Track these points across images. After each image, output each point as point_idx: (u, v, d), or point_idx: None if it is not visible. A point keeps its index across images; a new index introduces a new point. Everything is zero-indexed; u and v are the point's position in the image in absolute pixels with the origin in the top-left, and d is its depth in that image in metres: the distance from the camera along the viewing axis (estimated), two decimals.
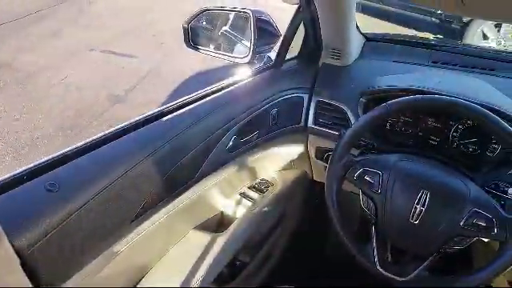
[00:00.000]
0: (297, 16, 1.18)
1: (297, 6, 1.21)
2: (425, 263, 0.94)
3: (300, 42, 1.35)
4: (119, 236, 0.85)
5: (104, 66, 4.32)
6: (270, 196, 1.29)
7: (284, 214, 1.59)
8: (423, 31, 5.88)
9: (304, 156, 1.44)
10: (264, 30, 1.37)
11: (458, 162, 1.12)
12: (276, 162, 1.42)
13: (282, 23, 1.30)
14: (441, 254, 0.94)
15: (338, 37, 1.25)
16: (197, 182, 1.03)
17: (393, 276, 0.95)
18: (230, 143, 1.09)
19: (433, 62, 1.45)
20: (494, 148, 1.12)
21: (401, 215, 0.93)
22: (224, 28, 1.44)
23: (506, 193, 0.97)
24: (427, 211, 0.91)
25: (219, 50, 1.39)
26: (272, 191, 1.32)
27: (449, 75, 1.29)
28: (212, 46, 1.38)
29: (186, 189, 1.01)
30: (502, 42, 4.94)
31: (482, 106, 1.05)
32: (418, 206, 0.91)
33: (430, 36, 5.68)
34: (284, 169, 1.45)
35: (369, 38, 1.52)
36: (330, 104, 1.29)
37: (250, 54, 1.28)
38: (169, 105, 0.99)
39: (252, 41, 1.28)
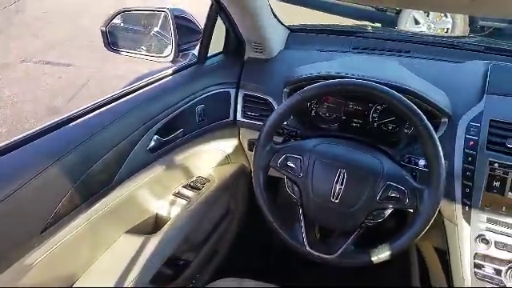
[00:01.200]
0: (211, 12, 1.19)
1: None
2: (350, 239, 0.99)
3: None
4: (29, 248, 0.82)
5: (40, 77, 4.11)
6: (206, 193, 1.30)
7: (228, 209, 1.60)
8: (362, 20, 6.11)
9: (240, 149, 1.46)
10: (186, 27, 1.37)
11: (379, 140, 1.18)
12: (211, 158, 1.43)
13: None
14: (364, 229, 0.99)
15: (256, 31, 1.28)
16: (118, 184, 1.01)
17: (321, 254, 0.99)
18: (152, 143, 1.08)
19: (354, 48, 1.52)
20: (410, 124, 1.19)
21: (322, 196, 0.97)
22: (147, 28, 1.42)
23: (417, 164, 1.04)
24: (346, 189, 0.95)
25: (142, 51, 1.37)
26: (209, 187, 1.33)
27: (366, 60, 1.36)
28: (134, 48, 1.36)
29: (106, 193, 0.99)
30: (432, 26, 5.25)
31: (390, 86, 1.11)
32: (337, 186, 0.96)
33: (370, 24, 5.93)
34: (221, 164, 1.46)
35: (293, 30, 1.56)
36: (256, 96, 1.31)
37: (173, 52, 1.28)
38: (82, 107, 0.97)
39: (173, 39, 1.28)
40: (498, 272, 1.00)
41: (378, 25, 5.88)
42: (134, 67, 4.01)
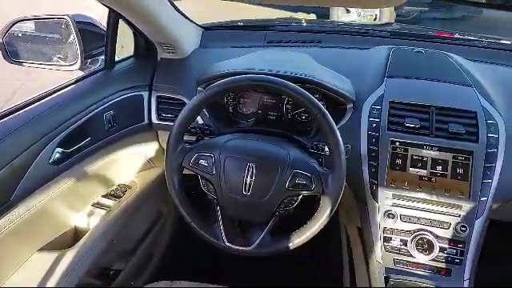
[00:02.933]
0: (110, 16, 1.17)
1: None
2: (266, 229, 1.02)
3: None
4: None
5: None
6: (127, 200, 1.28)
7: (160, 213, 1.58)
8: (297, 12, 6.23)
9: (161, 153, 1.45)
10: (92, 33, 1.33)
11: (293, 130, 1.22)
12: (133, 164, 1.40)
13: None
14: (278, 217, 1.02)
15: (161, 33, 1.27)
16: (19, 201, 0.97)
17: (239, 247, 1.01)
18: (55, 155, 1.04)
19: (268, 42, 1.55)
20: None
21: (235, 190, 0.99)
22: (51, 36, 1.36)
23: (323, 150, 1.08)
24: (256, 181, 0.98)
25: (47, 61, 1.31)
26: (130, 194, 1.30)
27: (274, 53, 1.39)
28: (38, 57, 1.30)
29: (6, 210, 0.94)
30: (362, 13, 5.49)
31: (291, 78, 1.15)
32: (247, 179, 0.98)
33: (304, 16, 6.07)
34: (143, 169, 1.44)
35: (208, 28, 1.57)
36: (170, 98, 1.30)
37: (79, 59, 1.24)
38: None
39: (78, 46, 1.24)
40: (405, 243, 1.07)
41: (313, 16, 6.06)
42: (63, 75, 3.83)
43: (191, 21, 1.45)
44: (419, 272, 1.07)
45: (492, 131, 1.08)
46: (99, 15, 1.35)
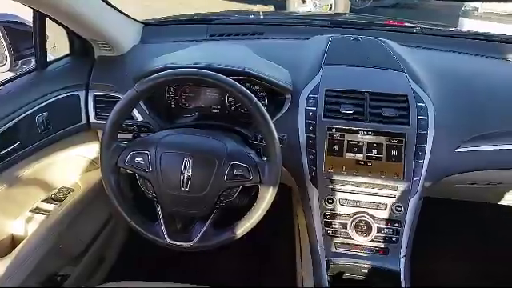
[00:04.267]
0: (35, 15, 1.12)
1: None
2: (208, 222, 1.02)
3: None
4: None
5: None
6: (70, 202, 1.24)
7: (111, 214, 1.55)
8: (256, 4, 6.24)
9: None
10: (24, 33, 1.28)
11: (237, 123, 1.23)
12: (75, 166, 1.36)
13: None
14: (220, 210, 1.03)
15: (94, 31, 1.23)
16: None
17: (181, 243, 1.01)
18: None
19: (211, 36, 1.54)
20: (263, 105, 1.25)
21: (173, 186, 0.99)
22: None
23: (261, 141, 1.09)
24: (194, 176, 0.97)
25: None
26: (73, 197, 1.27)
27: (212, 46, 1.39)
28: None
29: None
30: (317, 3, 5.56)
31: (226, 70, 1.15)
32: (184, 174, 0.98)
33: (262, 8, 6.08)
34: (88, 170, 1.41)
35: (148, 24, 1.54)
36: (108, 96, 1.27)
37: (8, 60, 1.19)
38: None
39: (5, 46, 1.19)
40: (344, 226, 1.11)
41: (271, 8, 6.08)
42: None
43: (129, 17, 1.42)
44: (359, 253, 1.10)
45: (422, 113, 1.13)
46: None
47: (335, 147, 1.13)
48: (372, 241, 1.10)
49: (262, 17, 1.71)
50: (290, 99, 1.21)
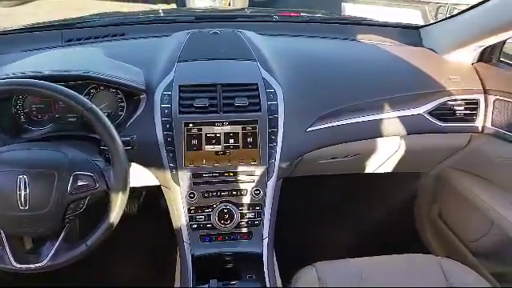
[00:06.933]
0: None
1: None
2: (59, 239, 0.97)
3: None
4: None
5: None
6: None
7: None
8: (156, 3, 6.08)
9: None
10: None
11: (93, 130, 1.17)
12: None
13: None
14: (71, 223, 0.98)
15: None
16: None
17: (30, 265, 0.95)
18: None
19: (67, 42, 1.46)
20: (122, 107, 1.21)
21: (10, 207, 0.91)
22: None
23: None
24: (32, 193, 0.90)
25: None
26: None
27: (58, 52, 1.32)
28: None
29: None
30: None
31: (66, 76, 1.10)
32: (21, 193, 0.91)
33: (164, 6, 5.94)
34: None
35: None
36: None
37: None
38: None
39: None
40: (208, 218, 1.13)
41: (173, 5, 5.97)
42: None
43: None
44: (224, 242, 1.13)
45: (271, 99, 1.17)
46: None
47: (194, 142, 1.14)
48: (236, 227, 1.13)
49: (123, 17, 1.66)
50: (146, 99, 1.19)
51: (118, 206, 0.96)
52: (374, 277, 1.17)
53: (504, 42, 1.37)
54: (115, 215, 0.96)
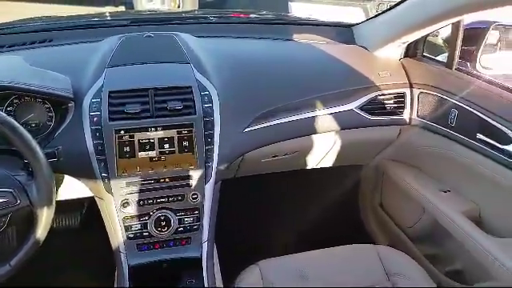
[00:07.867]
0: None
1: None
2: None
3: None
4: None
5: None
6: None
7: None
8: (105, 6, 5.87)
9: None
10: None
11: None
12: None
13: None
14: None
15: None
16: None
17: None
18: None
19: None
20: (51, 117, 1.16)
21: None
22: None
23: None
24: None
25: None
26: None
27: None
28: None
29: None
30: (166, 1, 5.48)
31: None
32: None
33: (113, 9, 5.75)
34: None
35: None
36: None
37: None
38: None
39: None
40: (145, 226, 1.10)
41: (122, 8, 5.79)
42: None
43: None
44: (162, 249, 1.11)
45: (206, 101, 1.17)
46: None
47: (126, 149, 1.11)
48: (174, 234, 1.11)
49: (52, 22, 1.59)
50: (74, 107, 1.14)
51: (44, 221, 0.92)
52: (316, 270, 1.20)
53: (425, 38, 1.45)
54: (41, 231, 0.92)
